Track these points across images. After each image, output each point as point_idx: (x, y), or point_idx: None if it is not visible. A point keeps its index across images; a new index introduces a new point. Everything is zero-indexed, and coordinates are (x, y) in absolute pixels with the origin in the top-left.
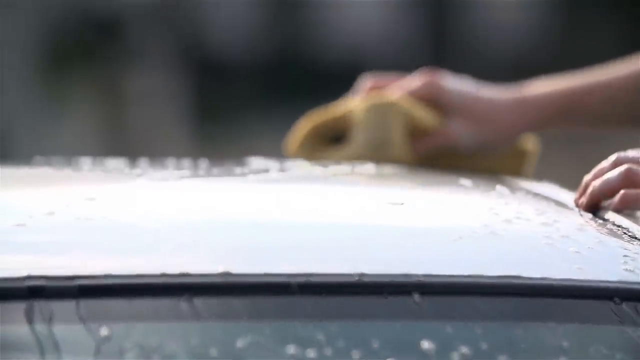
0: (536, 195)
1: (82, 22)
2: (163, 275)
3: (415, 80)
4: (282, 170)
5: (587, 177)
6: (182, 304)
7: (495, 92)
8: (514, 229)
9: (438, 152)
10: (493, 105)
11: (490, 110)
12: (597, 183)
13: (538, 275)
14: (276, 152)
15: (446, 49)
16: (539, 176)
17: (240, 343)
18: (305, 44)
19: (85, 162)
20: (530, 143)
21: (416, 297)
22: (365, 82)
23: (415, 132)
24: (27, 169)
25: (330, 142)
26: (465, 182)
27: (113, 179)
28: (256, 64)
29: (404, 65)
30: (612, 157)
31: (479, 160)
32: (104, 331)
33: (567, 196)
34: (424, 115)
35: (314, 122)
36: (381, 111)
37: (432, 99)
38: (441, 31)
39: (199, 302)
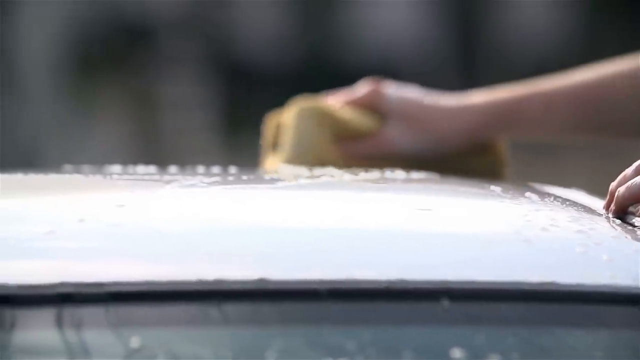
0: (566, 201)
1: (112, 29)
2: (195, 281)
3: (359, 89)
4: (311, 176)
5: (612, 184)
6: (215, 310)
7: (438, 99)
8: (547, 236)
9: (378, 156)
10: (433, 111)
11: (430, 116)
12: (622, 189)
13: (573, 282)
14: None
15: (475, 50)
16: (567, 184)
17: (272, 350)
18: (335, 50)
19: (116, 169)
20: (497, 148)
21: (446, 303)
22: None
23: (351, 137)
24: (57, 176)
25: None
26: (496, 188)
27: (143, 186)
28: (286, 70)
29: (434, 67)
30: (636, 164)
31: (428, 164)
32: (135, 338)
33: (596, 203)
34: (361, 121)
35: (266, 130)
36: (304, 115)
37: (374, 106)
38: (470, 33)
39: (233, 308)
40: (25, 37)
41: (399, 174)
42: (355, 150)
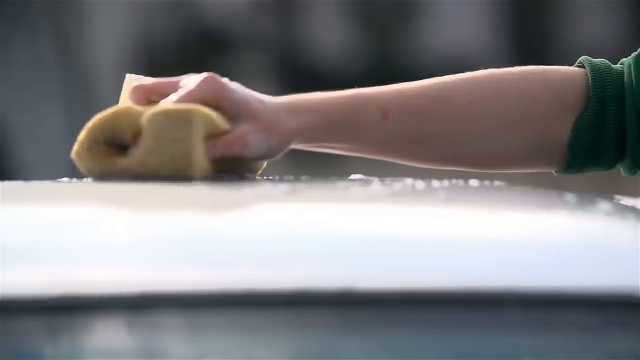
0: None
1: (183, 37)
2: (279, 290)
3: (193, 82)
4: (384, 185)
5: None
6: (298, 318)
7: (271, 98)
8: (625, 243)
9: (233, 156)
10: (270, 110)
11: (273, 115)
12: None
13: None
14: (375, 165)
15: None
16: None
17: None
18: (404, 59)
19: (190, 177)
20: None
21: (529, 310)
22: (129, 83)
23: (211, 136)
24: (133, 185)
25: (113, 147)
26: (569, 197)
27: (221, 193)
28: (357, 79)
29: None
30: None
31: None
32: (212, 345)
33: None
34: (218, 120)
35: (94, 125)
36: (177, 119)
37: (214, 102)
38: (542, 44)
39: (317, 316)
40: (96, 42)
41: (471, 181)
42: (217, 151)
